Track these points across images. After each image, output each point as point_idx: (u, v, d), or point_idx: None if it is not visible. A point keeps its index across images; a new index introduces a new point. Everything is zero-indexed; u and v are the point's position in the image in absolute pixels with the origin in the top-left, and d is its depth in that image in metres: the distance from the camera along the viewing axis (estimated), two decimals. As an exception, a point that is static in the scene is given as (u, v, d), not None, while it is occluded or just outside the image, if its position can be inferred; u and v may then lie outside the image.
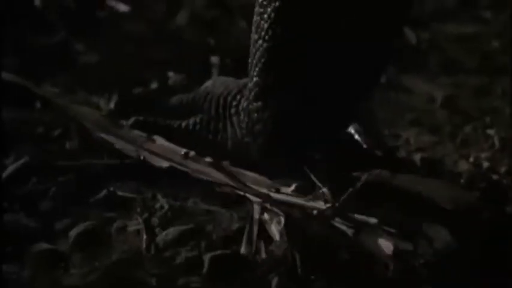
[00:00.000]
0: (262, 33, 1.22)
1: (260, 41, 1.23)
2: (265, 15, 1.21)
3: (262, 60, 1.23)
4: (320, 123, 1.26)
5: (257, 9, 1.23)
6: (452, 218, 1.21)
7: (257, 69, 1.25)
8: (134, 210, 1.21)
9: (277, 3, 1.19)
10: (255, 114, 1.27)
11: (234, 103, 1.32)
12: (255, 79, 1.25)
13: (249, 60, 1.27)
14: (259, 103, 1.26)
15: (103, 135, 1.36)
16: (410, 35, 1.92)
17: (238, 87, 1.33)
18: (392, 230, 1.10)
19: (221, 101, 1.34)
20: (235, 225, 1.19)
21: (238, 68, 1.55)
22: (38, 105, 1.47)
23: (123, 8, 1.87)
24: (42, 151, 1.35)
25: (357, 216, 1.12)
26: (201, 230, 1.17)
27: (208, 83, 1.41)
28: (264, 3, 1.21)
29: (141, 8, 1.88)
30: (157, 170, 1.29)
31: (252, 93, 1.27)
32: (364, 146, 1.38)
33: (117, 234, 1.17)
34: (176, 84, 1.58)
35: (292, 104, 1.24)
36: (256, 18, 1.23)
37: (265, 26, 1.21)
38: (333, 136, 1.30)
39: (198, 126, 1.34)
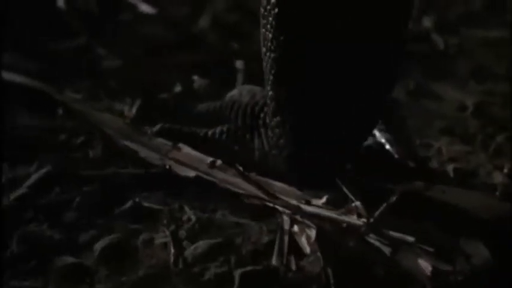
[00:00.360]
0: (269, 44, 1.19)
1: (268, 53, 1.20)
2: (268, 25, 1.18)
3: (273, 72, 1.20)
4: (341, 130, 1.22)
5: (261, 20, 1.20)
6: (488, 231, 1.17)
7: (270, 82, 1.22)
8: (161, 222, 1.18)
9: (276, 10, 1.16)
10: (277, 130, 1.24)
11: (261, 115, 1.28)
12: (270, 93, 1.22)
13: (264, 76, 1.24)
14: (278, 118, 1.23)
15: (127, 143, 1.33)
16: (438, 40, 1.88)
17: (264, 98, 1.30)
18: (431, 249, 1.06)
19: (248, 111, 1.31)
20: (265, 239, 1.15)
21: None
22: (60, 112, 1.44)
23: (144, 8, 1.83)
24: (65, 159, 1.32)
25: (393, 233, 1.08)
26: (230, 243, 1.13)
27: (234, 92, 1.37)
28: (265, 13, 1.18)
29: (164, 11, 1.85)
30: (183, 179, 1.25)
31: (271, 109, 1.24)
32: (396, 156, 1.34)
33: (144, 248, 1.13)
34: (200, 89, 1.55)
35: (309, 113, 1.21)
36: (261, 30, 1.20)
37: (270, 36, 1.18)
38: (357, 142, 1.27)
39: (224, 136, 1.31)
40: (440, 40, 1.88)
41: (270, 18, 1.17)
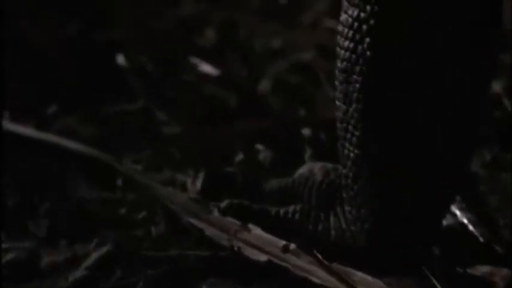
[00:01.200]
0: (354, 96, 1.11)
1: (351, 109, 1.12)
2: (354, 76, 1.10)
3: (359, 126, 1.12)
4: (427, 190, 1.15)
5: (340, 75, 1.13)
6: None
7: (354, 140, 1.13)
8: (232, 314, 1.09)
9: (368, 54, 1.09)
10: (358, 198, 1.15)
11: (338, 194, 1.20)
12: (352, 154, 1.14)
13: (339, 144, 1.16)
14: (361, 182, 1.15)
15: (192, 220, 1.25)
16: (510, 106, 1.79)
17: (339, 177, 1.22)
18: None
19: (322, 189, 1.23)
20: (346, 335, 1.06)
21: (332, 142, 1.44)
22: (120, 183, 1.36)
23: (206, 68, 1.76)
24: (126, 237, 1.24)
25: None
26: None
27: (305, 168, 1.30)
28: (348, 65, 1.11)
29: (225, 71, 1.77)
30: (254, 263, 1.17)
31: (351, 174, 1.16)
32: (481, 239, 1.25)
33: None
34: (266, 161, 1.46)
35: (401, 174, 1.13)
36: (341, 87, 1.13)
37: (357, 86, 1.11)
38: (444, 207, 1.19)
39: (297, 215, 1.22)
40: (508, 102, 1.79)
41: (358, 67, 1.09)
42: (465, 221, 1.28)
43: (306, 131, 1.56)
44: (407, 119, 1.11)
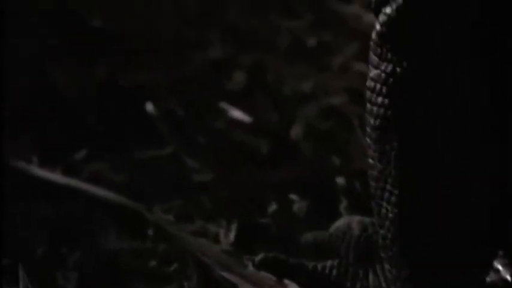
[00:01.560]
0: (393, 154, 1.07)
1: (390, 167, 1.08)
2: (391, 134, 1.06)
3: (398, 184, 1.08)
4: (472, 253, 1.11)
5: (373, 133, 1.08)
6: None
7: (392, 199, 1.09)
8: None
9: (407, 110, 1.05)
10: (398, 258, 1.11)
11: (376, 251, 1.17)
12: (390, 215, 1.10)
13: (374, 203, 1.12)
14: (402, 243, 1.10)
15: (225, 274, 1.21)
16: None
17: (377, 234, 1.18)
18: None
19: (360, 245, 1.20)
20: None
21: (367, 192, 1.41)
22: (151, 233, 1.33)
23: (236, 114, 1.73)
24: (157, 292, 1.21)
25: None
26: None
27: (341, 222, 1.26)
28: (384, 122, 1.06)
29: (255, 117, 1.74)
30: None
31: (389, 235, 1.11)
32: (518, 290, 1.21)
33: None
34: (301, 212, 1.42)
35: (443, 233, 1.09)
36: (375, 146, 1.08)
37: (395, 144, 1.06)
38: (487, 265, 1.14)
39: (335, 271, 1.19)
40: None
41: (395, 125, 1.05)
42: (509, 277, 1.24)
43: (340, 180, 1.52)
44: (448, 175, 1.08)
